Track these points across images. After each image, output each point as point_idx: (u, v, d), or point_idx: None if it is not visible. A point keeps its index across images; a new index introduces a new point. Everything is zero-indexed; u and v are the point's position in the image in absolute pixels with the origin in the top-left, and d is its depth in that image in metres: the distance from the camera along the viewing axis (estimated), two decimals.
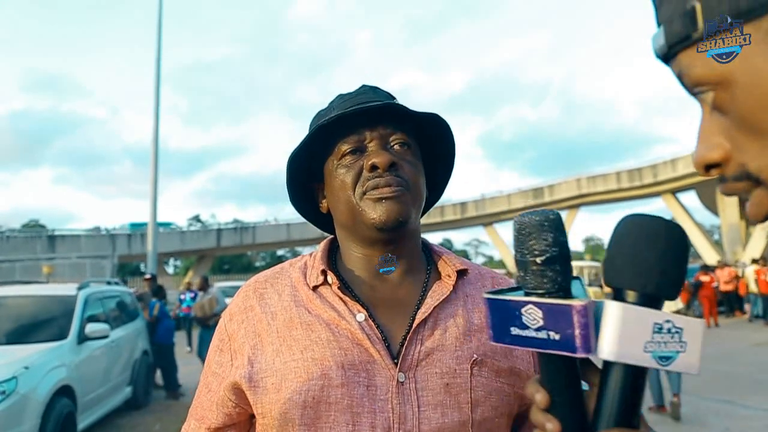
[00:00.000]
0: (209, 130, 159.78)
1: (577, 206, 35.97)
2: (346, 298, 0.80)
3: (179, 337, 8.48)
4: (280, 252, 52.68)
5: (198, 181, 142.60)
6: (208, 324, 7.78)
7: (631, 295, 0.47)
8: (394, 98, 0.89)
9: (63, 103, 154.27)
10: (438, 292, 0.82)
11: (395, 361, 0.76)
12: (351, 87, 0.93)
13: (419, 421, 0.74)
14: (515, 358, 0.83)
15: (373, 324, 0.78)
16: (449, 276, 0.85)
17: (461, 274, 0.87)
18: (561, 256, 0.49)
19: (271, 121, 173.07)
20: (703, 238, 31.96)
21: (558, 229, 0.49)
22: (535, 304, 0.48)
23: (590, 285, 17.30)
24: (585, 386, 0.53)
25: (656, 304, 0.47)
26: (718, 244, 35.40)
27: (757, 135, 0.39)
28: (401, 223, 0.79)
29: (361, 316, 0.78)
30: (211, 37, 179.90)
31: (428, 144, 0.90)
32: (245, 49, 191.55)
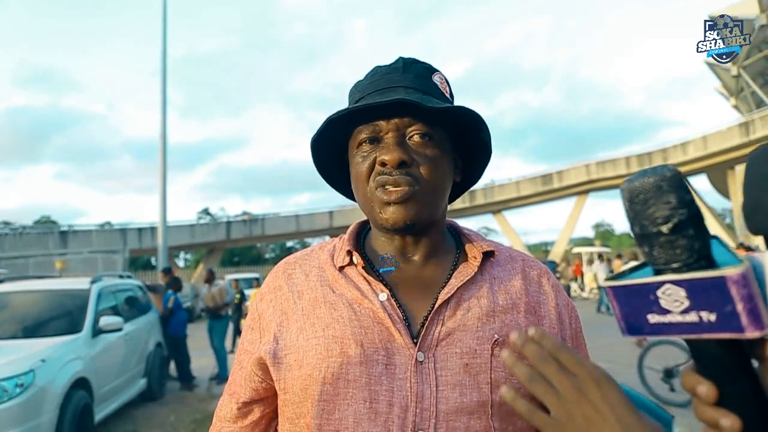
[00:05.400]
0: (207, 122, 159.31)
1: (586, 192, 35.72)
2: (370, 278, 0.81)
3: (192, 329, 8.56)
4: (289, 243, 52.86)
5: (200, 174, 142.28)
6: (219, 314, 7.90)
7: None
8: (431, 74, 0.85)
9: (59, 98, 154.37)
10: (463, 273, 0.82)
11: (415, 340, 0.76)
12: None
13: (437, 399, 0.74)
14: None
15: (394, 303, 0.79)
16: (475, 258, 0.85)
17: (488, 255, 0.86)
18: (692, 218, 0.40)
19: (269, 112, 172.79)
20: (714, 221, 31.69)
21: (680, 186, 0.40)
22: (673, 282, 0.39)
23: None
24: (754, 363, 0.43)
25: None
26: (730, 228, 35.07)
27: None
28: (410, 225, 0.79)
29: (384, 295, 0.79)
30: (203, 29, 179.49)
31: (461, 128, 0.85)
32: (239, 41, 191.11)
